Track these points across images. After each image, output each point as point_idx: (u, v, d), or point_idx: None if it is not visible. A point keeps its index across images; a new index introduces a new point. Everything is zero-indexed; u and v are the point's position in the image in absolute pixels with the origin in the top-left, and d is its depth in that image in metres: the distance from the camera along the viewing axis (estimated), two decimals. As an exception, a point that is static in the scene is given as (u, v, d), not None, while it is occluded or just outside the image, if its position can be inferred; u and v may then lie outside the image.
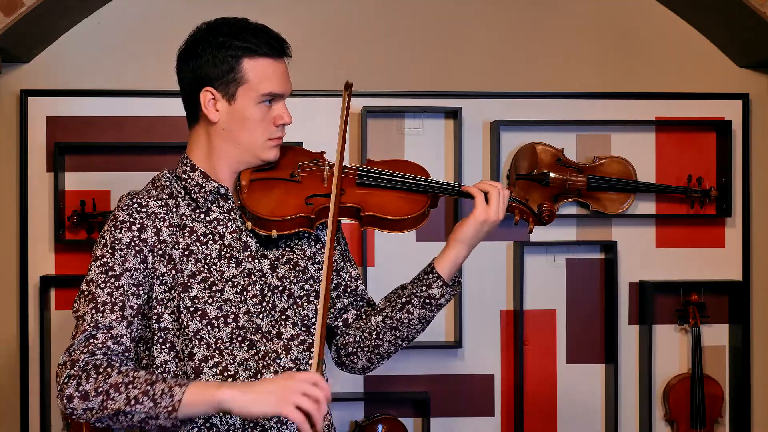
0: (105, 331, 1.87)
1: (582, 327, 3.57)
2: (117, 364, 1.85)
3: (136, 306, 1.92)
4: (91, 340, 1.86)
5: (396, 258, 3.49)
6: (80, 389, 1.81)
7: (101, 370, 1.83)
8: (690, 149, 3.59)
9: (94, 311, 1.88)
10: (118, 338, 1.88)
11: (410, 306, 2.05)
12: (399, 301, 2.07)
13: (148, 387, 1.80)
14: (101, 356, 1.85)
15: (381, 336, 2.08)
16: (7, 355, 3.45)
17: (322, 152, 2.10)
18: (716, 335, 3.61)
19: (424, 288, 2.04)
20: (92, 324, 1.87)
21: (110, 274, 1.90)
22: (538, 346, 3.55)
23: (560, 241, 3.53)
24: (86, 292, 1.91)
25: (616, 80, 3.61)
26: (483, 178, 3.48)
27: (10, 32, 3.15)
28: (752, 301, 3.61)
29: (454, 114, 3.49)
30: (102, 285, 1.90)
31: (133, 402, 1.78)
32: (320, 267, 2.07)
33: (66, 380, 1.83)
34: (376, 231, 2.24)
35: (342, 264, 2.15)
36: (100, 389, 1.80)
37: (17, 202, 3.44)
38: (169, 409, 1.77)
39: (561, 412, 3.56)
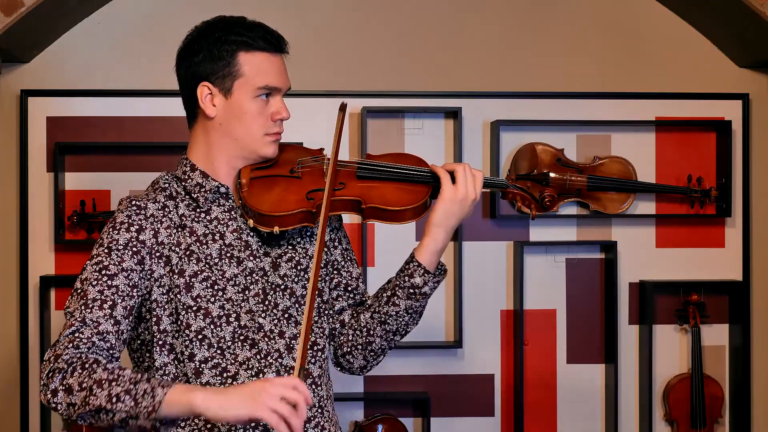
0: (92, 327, 1.84)
1: (582, 327, 3.56)
2: (104, 361, 1.80)
3: (128, 307, 1.89)
4: (76, 335, 1.83)
5: (396, 257, 3.45)
6: (65, 383, 1.77)
7: (87, 366, 1.78)
8: (690, 149, 3.59)
9: (83, 307, 1.86)
10: (104, 335, 1.85)
11: (396, 298, 2.05)
12: (385, 294, 2.07)
13: (131, 386, 1.75)
14: (86, 351, 1.82)
15: (371, 332, 2.08)
16: (7, 355, 3.45)
17: (321, 149, 2.11)
18: (716, 335, 3.60)
19: (406, 278, 2.04)
20: (80, 319, 1.84)
21: (104, 273, 1.88)
22: (538, 346, 3.55)
23: (560, 241, 3.53)
24: (78, 290, 1.89)
25: (616, 80, 3.61)
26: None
27: (10, 32, 3.14)
28: (752, 301, 3.61)
29: (454, 114, 3.49)
30: (94, 282, 1.88)
31: (114, 400, 1.74)
32: (323, 265, 2.07)
33: (50, 374, 1.79)
34: (378, 224, 2.24)
35: (343, 263, 2.15)
36: (84, 384, 1.76)
37: (17, 202, 3.43)
38: (149, 409, 1.72)
39: (561, 412, 3.56)
